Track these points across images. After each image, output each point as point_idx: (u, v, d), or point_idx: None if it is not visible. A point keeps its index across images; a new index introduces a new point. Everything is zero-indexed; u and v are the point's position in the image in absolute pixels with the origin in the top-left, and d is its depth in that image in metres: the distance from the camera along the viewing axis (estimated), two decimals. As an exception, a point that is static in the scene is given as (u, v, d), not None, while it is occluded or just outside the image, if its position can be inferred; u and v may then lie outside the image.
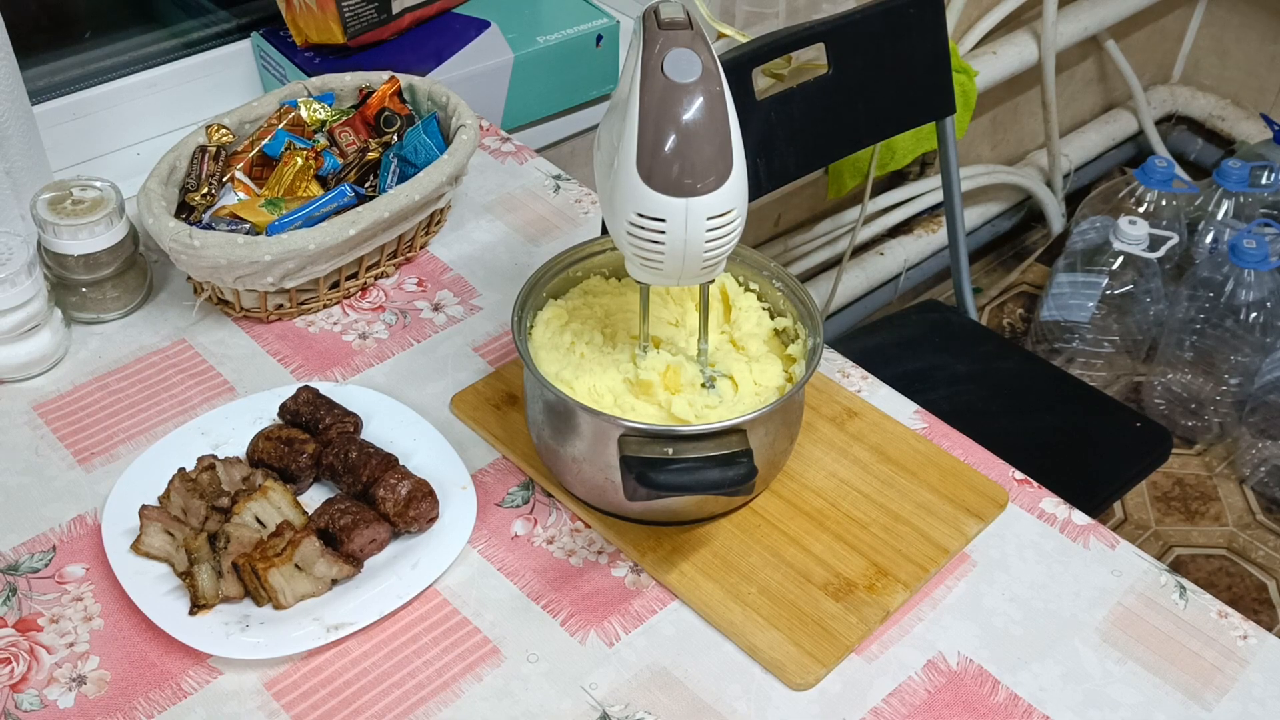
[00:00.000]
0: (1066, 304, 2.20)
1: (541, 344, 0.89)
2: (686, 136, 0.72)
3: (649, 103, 0.73)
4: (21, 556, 0.85)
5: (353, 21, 1.28)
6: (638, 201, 0.74)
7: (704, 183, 0.73)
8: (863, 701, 0.79)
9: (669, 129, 0.72)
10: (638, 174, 0.73)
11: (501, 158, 1.25)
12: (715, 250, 0.76)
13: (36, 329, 0.97)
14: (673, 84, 0.72)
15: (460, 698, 0.78)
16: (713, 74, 0.72)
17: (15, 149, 1.07)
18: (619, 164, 0.74)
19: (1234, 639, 0.83)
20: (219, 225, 1.00)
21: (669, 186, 0.73)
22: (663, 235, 0.75)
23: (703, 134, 0.72)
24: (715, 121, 0.72)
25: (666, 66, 0.73)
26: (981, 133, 2.33)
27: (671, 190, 0.73)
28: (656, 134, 0.73)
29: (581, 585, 0.85)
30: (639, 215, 0.74)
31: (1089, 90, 2.53)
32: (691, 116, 0.72)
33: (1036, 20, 2.18)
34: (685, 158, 0.73)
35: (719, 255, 0.77)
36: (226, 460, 0.89)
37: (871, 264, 2.19)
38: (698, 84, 0.72)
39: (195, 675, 0.79)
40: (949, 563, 0.87)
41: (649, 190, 0.73)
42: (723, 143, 0.73)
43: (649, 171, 0.73)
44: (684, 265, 0.77)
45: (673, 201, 0.73)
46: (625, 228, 0.75)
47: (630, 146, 0.73)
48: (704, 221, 0.74)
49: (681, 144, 0.72)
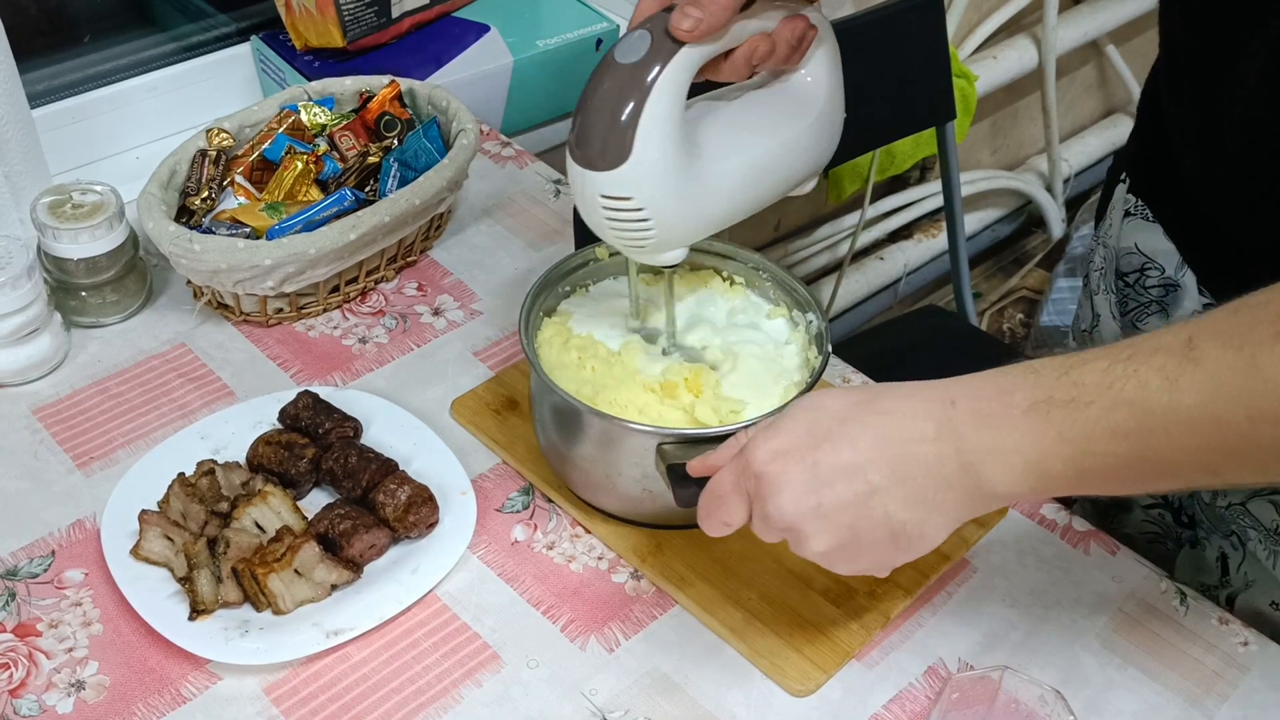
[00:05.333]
0: (1066, 309, 2.20)
1: (550, 364, 0.88)
2: (591, 108, 0.75)
3: (591, 77, 0.76)
4: (20, 561, 0.85)
5: (352, 25, 1.28)
6: (568, 161, 0.78)
7: (597, 159, 0.75)
8: (863, 707, 0.79)
9: (586, 99, 0.76)
10: (568, 137, 0.77)
11: (502, 162, 1.25)
12: (620, 233, 0.78)
13: (36, 333, 0.97)
14: (612, 63, 0.75)
15: (460, 703, 0.78)
16: (654, 58, 0.73)
17: (15, 153, 1.07)
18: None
19: (1234, 645, 0.83)
20: (219, 229, 1.00)
21: (575, 154, 0.77)
22: (578, 198, 0.78)
23: (604, 111, 0.74)
24: (621, 103, 0.73)
25: (620, 45, 0.75)
26: (981, 138, 2.33)
27: (576, 158, 0.77)
28: (581, 105, 0.76)
29: (582, 591, 0.85)
30: (568, 174, 0.78)
31: (1089, 95, 2.53)
32: (603, 91, 0.75)
33: (1037, 25, 2.18)
34: (584, 129, 0.75)
35: (625, 240, 0.79)
36: (226, 465, 0.89)
37: (871, 269, 2.19)
38: (630, 66, 0.74)
39: (195, 680, 0.79)
40: (949, 568, 0.86)
41: (570, 153, 0.77)
42: (620, 126, 0.74)
43: (571, 138, 0.77)
44: (600, 234, 0.80)
45: (575, 168, 0.77)
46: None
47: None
48: (599, 199, 0.76)
49: (587, 114, 0.75)
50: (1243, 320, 0.58)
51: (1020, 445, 0.63)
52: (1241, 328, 0.58)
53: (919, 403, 0.66)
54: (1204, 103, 0.81)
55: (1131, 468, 0.61)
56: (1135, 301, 0.93)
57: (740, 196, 0.83)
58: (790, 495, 0.66)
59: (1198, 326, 0.59)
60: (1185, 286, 0.88)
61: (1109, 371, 0.60)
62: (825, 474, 0.66)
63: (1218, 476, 0.61)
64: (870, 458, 0.65)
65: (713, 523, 0.72)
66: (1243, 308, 0.59)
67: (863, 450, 0.65)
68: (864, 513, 0.66)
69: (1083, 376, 0.61)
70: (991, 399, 0.64)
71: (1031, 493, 0.65)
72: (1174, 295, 0.89)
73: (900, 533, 0.66)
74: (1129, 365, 0.60)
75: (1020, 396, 0.63)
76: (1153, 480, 0.63)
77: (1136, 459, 0.61)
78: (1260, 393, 0.56)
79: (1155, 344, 0.60)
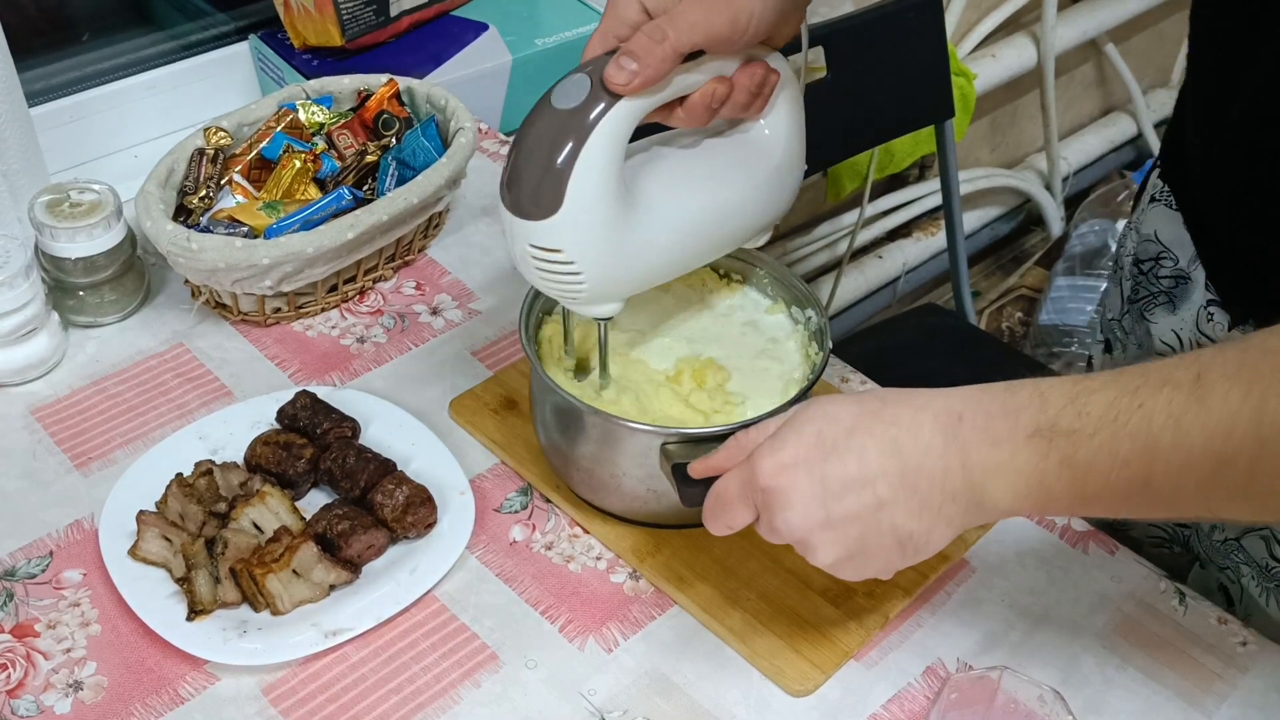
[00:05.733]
0: (1065, 307, 2.20)
1: (551, 364, 0.88)
2: (523, 154, 0.72)
3: (526, 119, 0.73)
4: (18, 562, 0.85)
5: (351, 24, 1.28)
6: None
7: (528, 207, 0.73)
8: (862, 707, 0.79)
9: (519, 142, 0.73)
10: (500, 180, 0.75)
11: (500, 160, 1.25)
12: (550, 284, 0.76)
13: (34, 332, 0.97)
14: (546, 104, 0.72)
15: (458, 704, 0.78)
16: (591, 106, 0.71)
17: (12, 151, 1.07)
18: None
19: (1234, 645, 0.83)
20: (217, 228, 1.00)
21: (506, 199, 0.74)
22: (509, 243, 0.76)
23: (536, 157, 0.72)
24: (554, 150, 0.71)
25: (557, 89, 0.72)
26: (980, 136, 2.33)
27: (506, 204, 0.74)
28: (514, 149, 0.73)
29: (580, 591, 0.85)
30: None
31: (1088, 94, 2.53)
32: (535, 136, 0.72)
33: (1036, 24, 2.18)
34: (515, 174, 0.73)
35: (558, 292, 0.76)
36: (224, 465, 0.88)
37: (870, 267, 2.19)
38: (566, 112, 0.71)
39: (193, 681, 0.79)
40: (948, 569, 0.86)
41: (501, 197, 0.74)
42: (554, 174, 0.71)
43: (503, 181, 0.74)
44: (532, 284, 0.77)
45: (505, 214, 0.74)
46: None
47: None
48: (527, 248, 0.74)
49: (518, 160, 0.73)
50: (1252, 359, 0.58)
51: (1023, 467, 0.63)
52: (1250, 368, 0.58)
53: (927, 415, 0.66)
54: (1212, 98, 0.81)
55: (1131, 497, 0.62)
56: (1145, 290, 0.93)
57: (680, 251, 0.80)
58: (800, 509, 0.67)
59: (1209, 361, 0.59)
60: (1195, 280, 0.88)
61: (1115, 404, 0.61)
62: (834, 487, 0.66)
63: (1213, 512, 0.62)
64: (879, 470, 0.66)
65: (717, 525, 0.72)
66: (1253, 346, 0.59)
67: (871, 463, 0.66)
68: (872, 524, 0.66)
69: (1089, 406, 0.62)
70: (998, 418, 0.64)
71: (1033, 510, 0.66)
72: (1183, 288, 0.89)
73: (907, 542, 0.67)
74: (1135, 398, 0.60)
75: (1026, 419, 0.63)
76: (1151, 509, 0.63)
77: (1137, 489, 0.61)
78: (1264, 439, 0.57)
79: (1164, 376, 0.60)
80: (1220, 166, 0.82)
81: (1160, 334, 0.92)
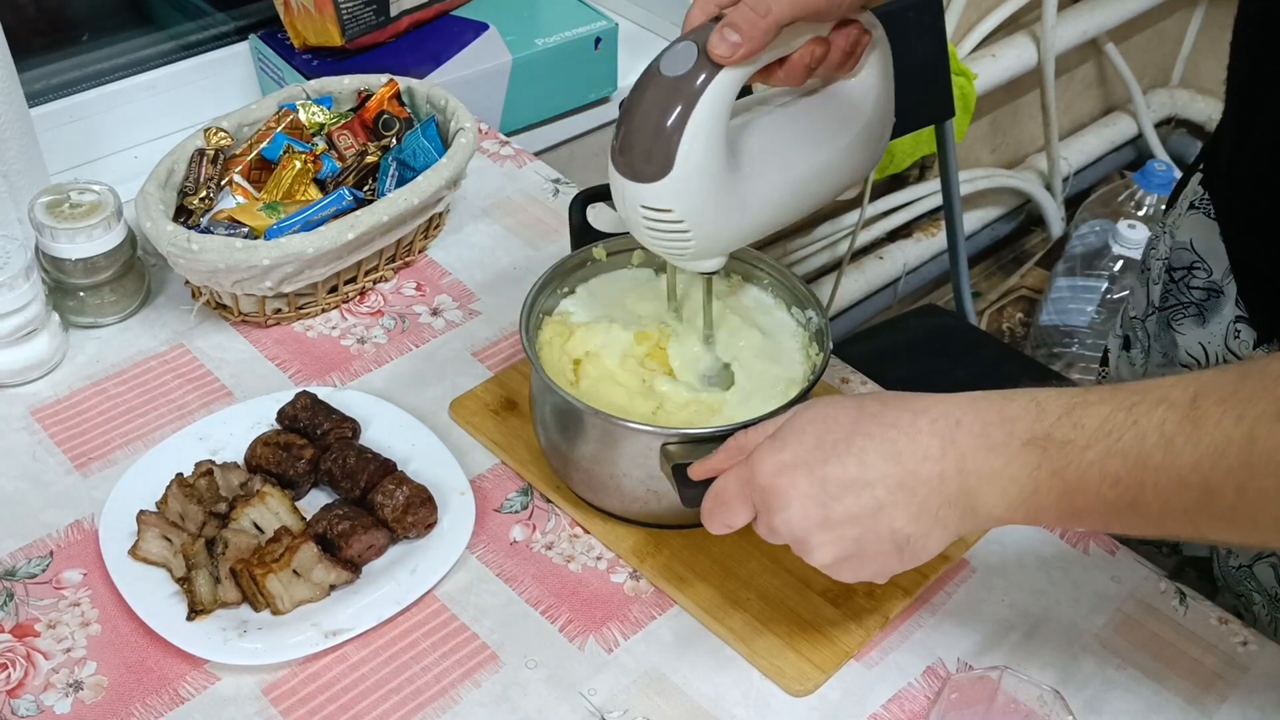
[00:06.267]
0: (1066, 308, 2.20)
1: (551, 364, 0.88)
2: (635, 120, 0.74)
3: (635, 86, 0.75)
4: (19, 562, 0.85)
5: (351, 24, 1.28)
6: (610, 168, 0.77)
7: (638, 170, 0.75)
8: (862, 708, 0.79)
9: (630, 109, 0.75)
10: (611, 144, 0.77)
11: (500, 161, 1.25)
12: (658, 242, 0.78)
13: (34, 333, 0.97)
14: (656, 74, 0.74)
15: (458, 704, 0.78)
16: (699, 72, 0.72)
17: (12, 152, 1.07)
18: None
19: (1234, 645, 0.83)
20: (217, 229, 1.00)
21: (618, 163, 0.76)
22: (619, 205, 0.78)
23: (647, 123, 0.73)
24: (665, 119, 0.73)
25: (665, 56, 0.74)
26: (981, 136, 2.33)
27: (618, 168, 0.76)
28: (624, 114, 0.75)
29: (580, 591, 0.85)
30: (610, 180, 0.78)
31: (1088, 93, 2.53)
32: (646, 103, 0.74)
33: (1036, 23, 2.18)
34: (628, 139, 0.75)
35: (666, 249, 0.79)
36: (224, 465, 0.89)
37: (871, 268, 2.19)
38: (674, 79, 0.73)
39: (193, 681, 0.79)
40: (948, 569, 0.86)
41: (611, 161, 0.76)
42: (664, 138, 0.73)
43: (614, 146, 0.76)
44: (639, 240, 0.79)
45: (618, 178, 0.76)
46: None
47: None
48: (639, 209, 0.76)
49: (630, 125, 0.75)
50: (1250, 389, 0.58)
51: (1016, 475, 0.64)
52: (1246, 396, 0.58)
53: (927, 420, 0.66)
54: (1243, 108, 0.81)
55: (1120, 514, 0.62)
56: (1175, 300, 0.92)
57: (781, 208, 0.82)
58: (799, 509, 0.67)
59: (1206, 384, 0.59)
60: (1226, 295, 0.87)
61: (1110, 419, 0.61)
62: (833, 488, 0.66)
63: (1201, 534, 0.62)
64: (878, 473, 0.66)
65: (715, 524, 0.73)
66: (1251, 373, 0.59)
67: (871, 465, 0.66)
68: (870, 526, 0.67)
69: (1084, 419, 0.62)
70: (994, 425, 0.64)
71: (1023, 520, 0.66)
72: (1214, 301, 0.88)
73: (904, 545, 0.67)
74: (1130, 415, 0.60)
75: (1021, 427, 0.64)
76: (1140, 527, 0.63)
77: (1126, 506, 0.61)
78: (1253, 467, 0.57)
79: (1160, 395, 0.60)
80: (1250, 179, 0.82)
81: (1187, 345, 0.91)
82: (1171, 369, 0.92)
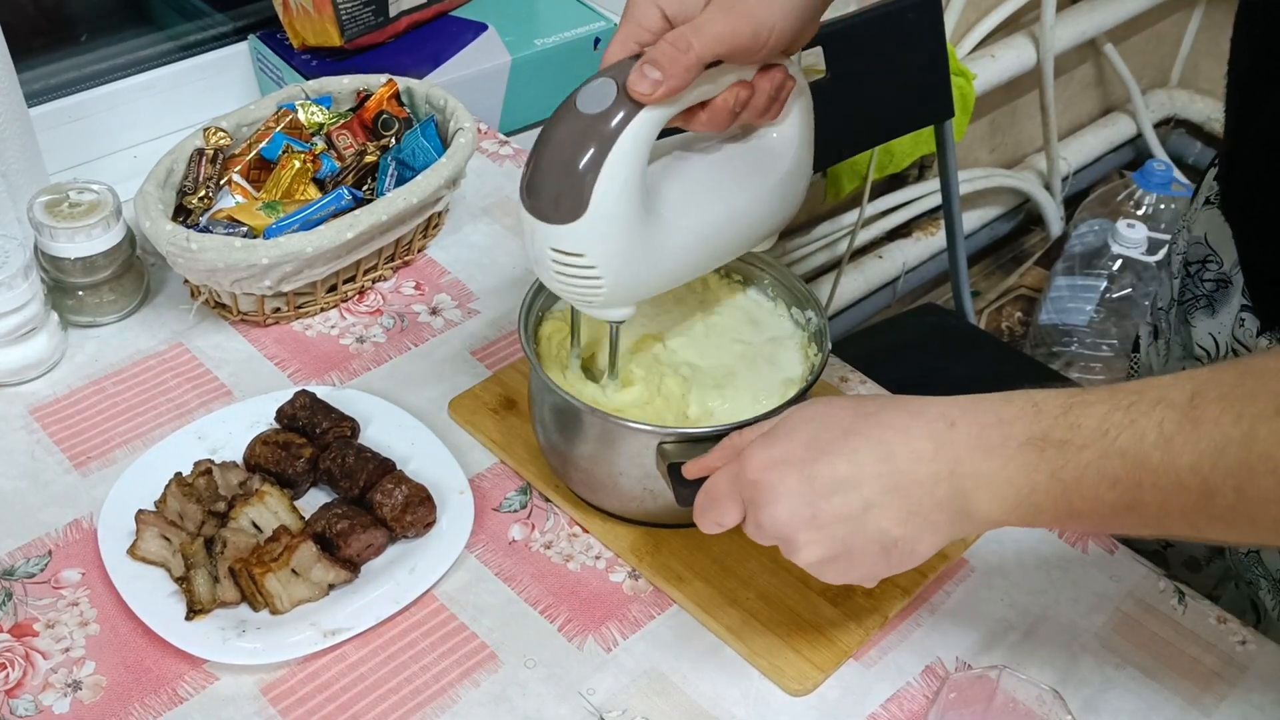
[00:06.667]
0: (1065, 307, 2.20)
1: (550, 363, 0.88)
2: (547, 158, 0.72)
3: (549, 121, 0.73)
4: (17, 561, 0.85)
5: (350, 24, 1.28)
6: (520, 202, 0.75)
7: (548, 211, 0.72)
8: (861, 707, 0.79)
9: (542, 146, 0.72)
10: (520, 182, 0.75)
11: (499, 160, 1.25)
12: (568, 288, 0.75)
13: (33, 332, 0.97)
14: (573, 110, 0.72)
15: (457, 703, 0.78)
16: (617, 112, 0.70)
17: (12, 152, 1.06)
18: None
19: (1232, 645, 0.83)
20: (216, 228, 1.00)
21: (526, 202, 0.74)
22: (527, 245, 0.76)
23: (561, 160, 0.71)
24: (579, 154, 0.70)
25: (582, 93, 0.72)
26: (980, 136, 2.33)
27: (528, 207, 0.74)
28: (536, 151, 0.73)
29: (579, 590, 0.85)
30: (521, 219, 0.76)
31: (1087, 94, 2.53)
32: (560, 140, 0.71)
33: (1035, 24, 2.18)
34: (538, 177, 0.73)
35: (573, 294, 0.76)
36: (223, 465, 0.88)
37: (870, 267, 2.19)
38: (591, 117, 0.71)
39: (192, 680, 0.79)
40: (947, 568, 0.86)
41: (522, 200, 0.74)
42: (578, 179, 0.71)
43: (523, 184, 0.74)
44: (547, 284, 0.77)
45: (527, 217, 0.74)
46: None
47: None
48: (548, 251, 0.74)
49: (542, 163, 0.72)
50: (1248, 386, 0.58)
51: (1013, 477, 0.63)
52: (1245, 394, 0.57)
53: (921, 421, 0.66)
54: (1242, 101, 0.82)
55: (1118, 514, 0.62)
56: (1190, 293, 0.92)
57: (696, 256, 0.81)
58: (786, 505, 0.67)
59: (1204, 382, 0.59)
60: (1234, 284, 0.87)
61: (1108, 418, 0.60)
62: (822, 486, 0.66)
63: (1200, 534, 0.62)
64: (869, 473, 0.65)
65: (706, 522, 0.72)
66: (1251, 371, 0.58)
67: (862, 465, 0.66)
68: (858, 527, 0.66)
69: (1081, 418, 0.61)
70: (991, 427, 0.64)
71: (1019, 523, 0.65)
72: (1223, 292, 0.88)
73: (892, 548, 0.67)
74: (1129, 414, 0.60)
75: (1019, 428, 0.63)
76: (1139, 528, 0.63)
77: (1124, 507, 0.61)
78: (1252, 468, 0.56)
79: (1159, 394, 0.60)
80: (1248, 176, 0.82)
81: (1199, 338, 0.91)
82: (1190, 362, 0.92)
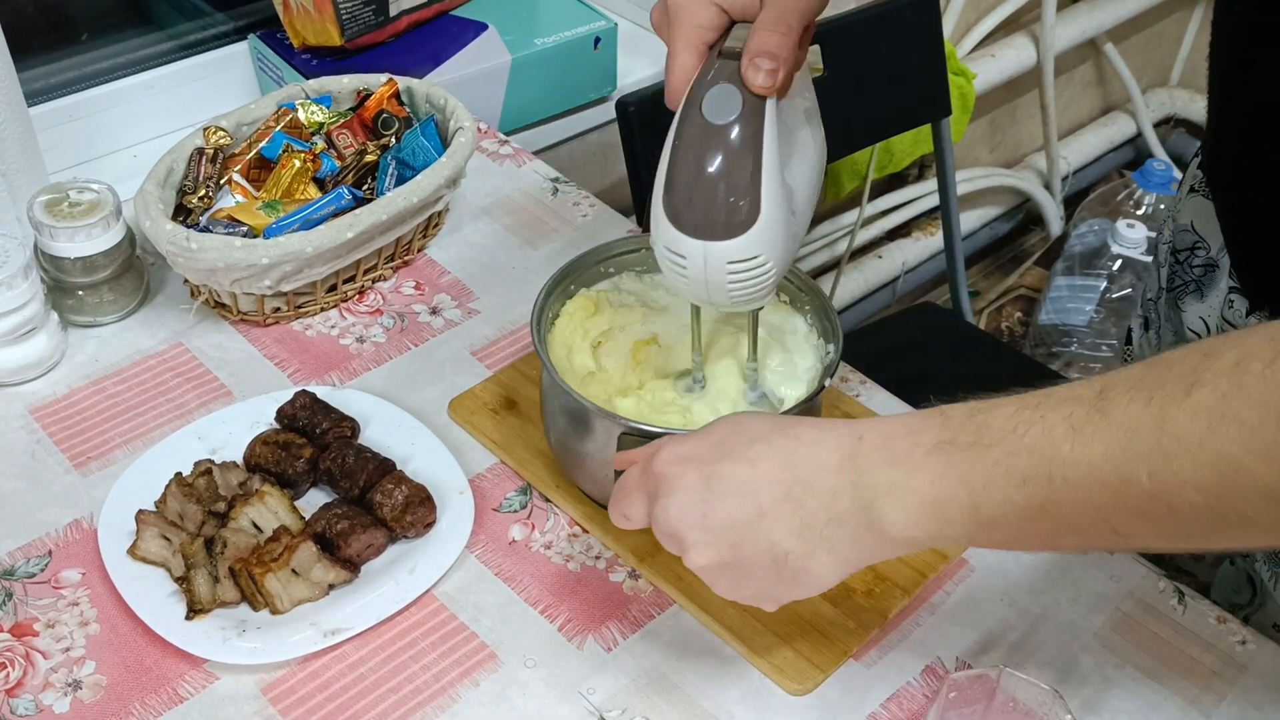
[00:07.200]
0: (1065, 307, 2.20)
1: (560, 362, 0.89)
2: (708, 183, 0.71)
3: (680, 141, 0.72)
4: (17, 561, 0.85)
5: (350, 24, 1.28)
6: (664, 235, 0.74)
7: (724, 229, 0.72)
8: (860, 707, 0.79)
9: (693, 173, 0.71)
10: (664, 210, 0.73)
11: (499, 160, 1.25)
12: (740, 291, 0.75)
13: (33, 332, 0.97)
14: (706, 125, 0.71)
15: (457, 703, 0.78)
16: (751, 114, 0.70)
17: (11, 151, 1.07)
18: (654, 194, 0.74)
19: (1232, 644, 0.83)
20: (216, 228, 1.00)
21: (689, 228, 0.72)
22: (686, 271, 0.74)
23: (725, 183, 0.71)
24: (740, 170, 0.70)
25: (705, 104, 0.71)
26: (980, 136, 2.33)
27: (691, 232, 0.72)
28: (683, 175, 0.72)
29: (579, 590, 0.85)
30: (665, 248, 0.74)
31: (1087, 93, 2.53)
32: (716, 163, 0.71)
33: (1035, 23, 2.18)
34: (706, 203, 0.72)
35: (746, 296, 0.76)
36: (223, 465, 0.89)
37: (870, 267, 2.19)
38: (729, 126, 0.70)
39: (192, 680, 0.79)
40: (947, 568, 0.86)
41: (672, 228, 0.73)
42: (746, 191, 0.71)
43: (674, 211, 0.72)
44: (710, 298, 0.76)
45: (692, 243, 0.73)
46: (659, 253, 0.75)
47: (660, 181, 0.73)
48: (724, 265, 0.73)
49: (703, 189, 0.71)
50: (1156, 374, 0.56)
51: (919, 486, 0.61)
52: (1154, 381, 0.56)
53: (832, 435, 0.65)
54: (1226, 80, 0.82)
55: (1031, 519, 0.59)
56: (1180, 280, 0.93)
57: (810, 212, 0.81)
58: (680, 501, 0.66)
59: (1113, 378, 0.58)
60: (1222, 267, 0.88)
61: (1015, 416, 0.59)
62: (719, 487, 0.65)
63: (1120, 535, 0.59)
64: (767, 480, 0.65)
65: (615, 513, 0.72)
66: (1159, 362, 0.57)
67: (761, 471, 0.65)
68: (749, 534, 0.65)
69: (989, 419, 0.60)
70: (899, 437, 0.63)
71: (928, 538, 0.63)
72: (1211, 275, 0.89)
73: (783, 562, 0.65)
74: (1037, 411, 0.58)
75: (926, 436, 0.62)
76: (1054, 535, 0.61)
77: (1036, 509, 0.59)
78: (1166, 449, 0.54)
79: (1069, 393, 0.58)
80: (1228, 160, 0.82)
81: (1190, 322, 0.92)
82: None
